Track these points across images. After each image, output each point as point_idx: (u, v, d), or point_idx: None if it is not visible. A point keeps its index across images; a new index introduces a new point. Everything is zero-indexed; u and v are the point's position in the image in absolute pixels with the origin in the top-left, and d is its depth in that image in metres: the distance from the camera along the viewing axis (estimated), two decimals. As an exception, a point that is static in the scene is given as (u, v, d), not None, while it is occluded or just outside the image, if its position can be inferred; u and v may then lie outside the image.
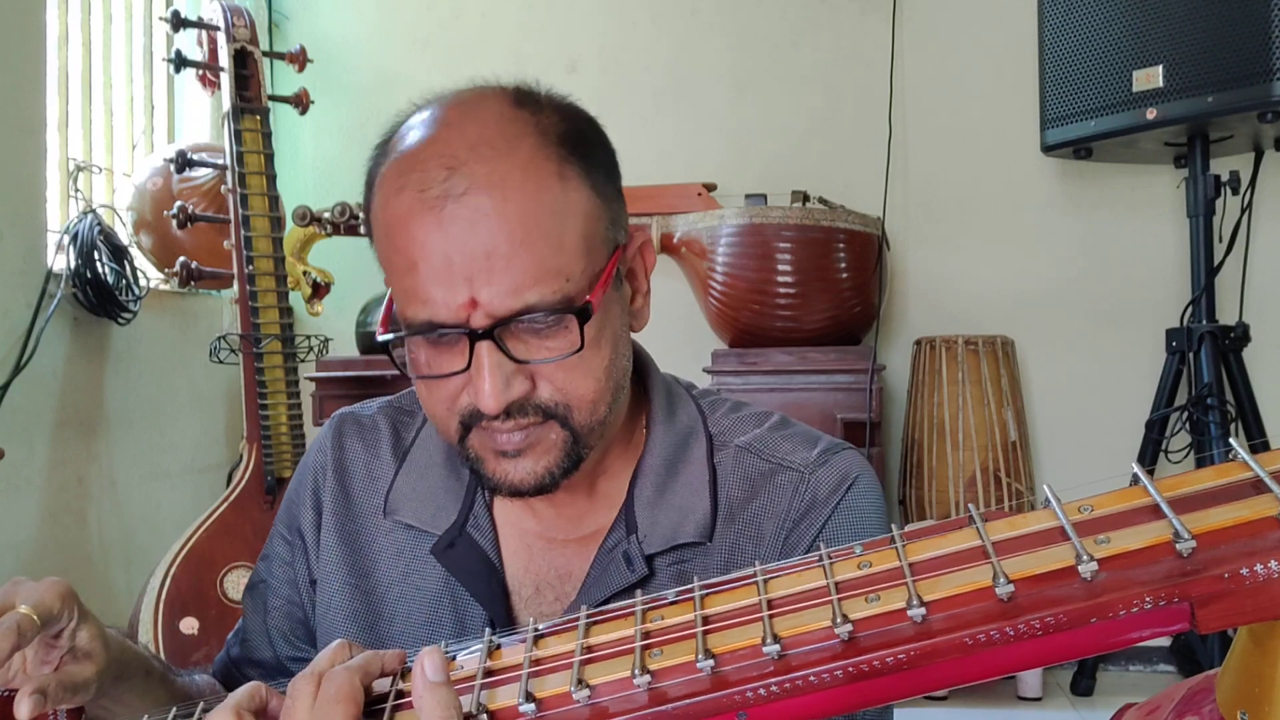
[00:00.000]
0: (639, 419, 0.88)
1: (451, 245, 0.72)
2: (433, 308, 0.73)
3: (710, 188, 2.74)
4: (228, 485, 2.51)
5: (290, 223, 2.60)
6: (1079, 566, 0.47)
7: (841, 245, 2.50)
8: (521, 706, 0.53)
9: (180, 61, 2.52)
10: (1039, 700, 2.43)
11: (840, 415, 2.42)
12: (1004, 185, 2.85)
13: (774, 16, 2.98)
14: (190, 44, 2.66)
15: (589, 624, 0.57)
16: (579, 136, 0.77)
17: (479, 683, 0.56)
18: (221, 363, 2.53)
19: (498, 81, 0.80)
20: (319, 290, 2.69)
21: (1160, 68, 2.33)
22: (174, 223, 2.44)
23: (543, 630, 0.59)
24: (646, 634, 0.54)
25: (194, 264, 2.43)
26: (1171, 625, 0.47)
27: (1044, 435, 2.82)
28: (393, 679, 0.61)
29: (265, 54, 2.58)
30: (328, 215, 2.57)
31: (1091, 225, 2.80)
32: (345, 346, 2.77)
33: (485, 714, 0.55)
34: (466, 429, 0.77)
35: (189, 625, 2.20)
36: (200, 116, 3.08)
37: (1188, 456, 2.39)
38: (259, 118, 2.49)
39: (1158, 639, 2.55)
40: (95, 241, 2.39)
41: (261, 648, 0.95)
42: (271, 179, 2.47)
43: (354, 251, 2.85)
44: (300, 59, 2.67)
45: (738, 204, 2.65)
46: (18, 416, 2.22)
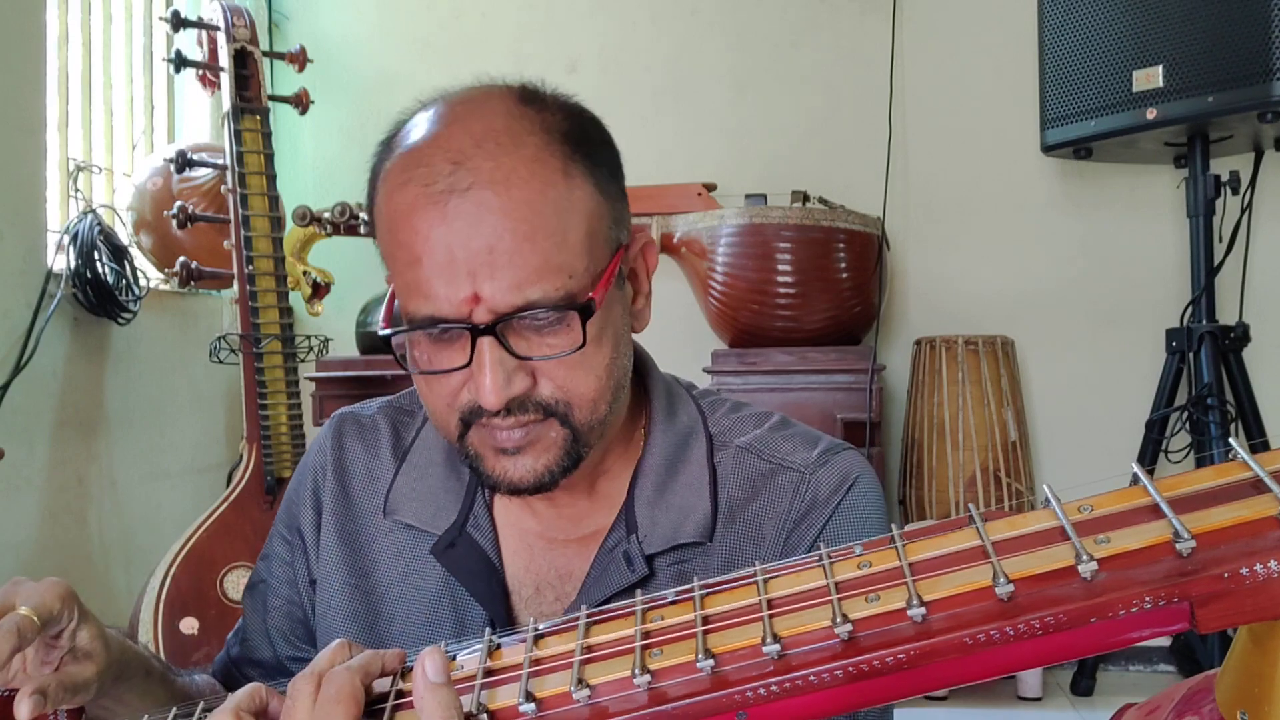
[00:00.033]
0: (639, 419, 0.88)
1: (455, 240, 0.72)
2: (435, 303, 0.73)
3: (710, 188, 2.74)
4: (228, 485, 2.51)
5: (290, 223, 2.60)
6: (1079, 566, 0.47)
7: (841, 245, 2.50)
8: (522, 706, 0.53)
9: (180, 61, 2.52)
10: (1039, 700, 2.43)
11: (840, 415, 2.42)
12: (1004, 185, 2.85)
13: (774, 16, 2.98)
14: (190, 44, 2.66)
15: (589, 624, 0.57)
16: (584, 135, 0.77)
17: (479, 682, 0.56)
18: (221, 363, 2.53)
19: (503, 80, 0.80)
20: (319, 290, 2.69)
21: (1160, 68, 2.33)
22: (174, 223, 2.44)
23: (543, 630, 0.59)
24: (646, 634, 0.54)
25: (194, 264, 2.42)
26: (1171, 625, 0.47)
27: (1044, 435, 2.82)
28: (393, 679, 0.61)
29: (265, 54, 2.58)
30: (328, 215, 2.57)
31: (1091, 225, 2.80)
32: (345, 346, 2.77)
33: (485, 714, 0.55)
34: (466, 426, 0.77)
35: (189, 625, 2.20)
36: (200, 116, 3.08)
37: (1188, 456, 2.39)
38: (259, 118, 2.49)
39: (1158, 639, 2.55)
40: (95, 241, 2.39)
41: (261, 648, 0.95)
42: (271, 179, 2.47)
43: (354, 251, 2.86)
44: (300, 59, 2.67)
45: (738, 204, 2.65)
46: (18, 416, 2.22)
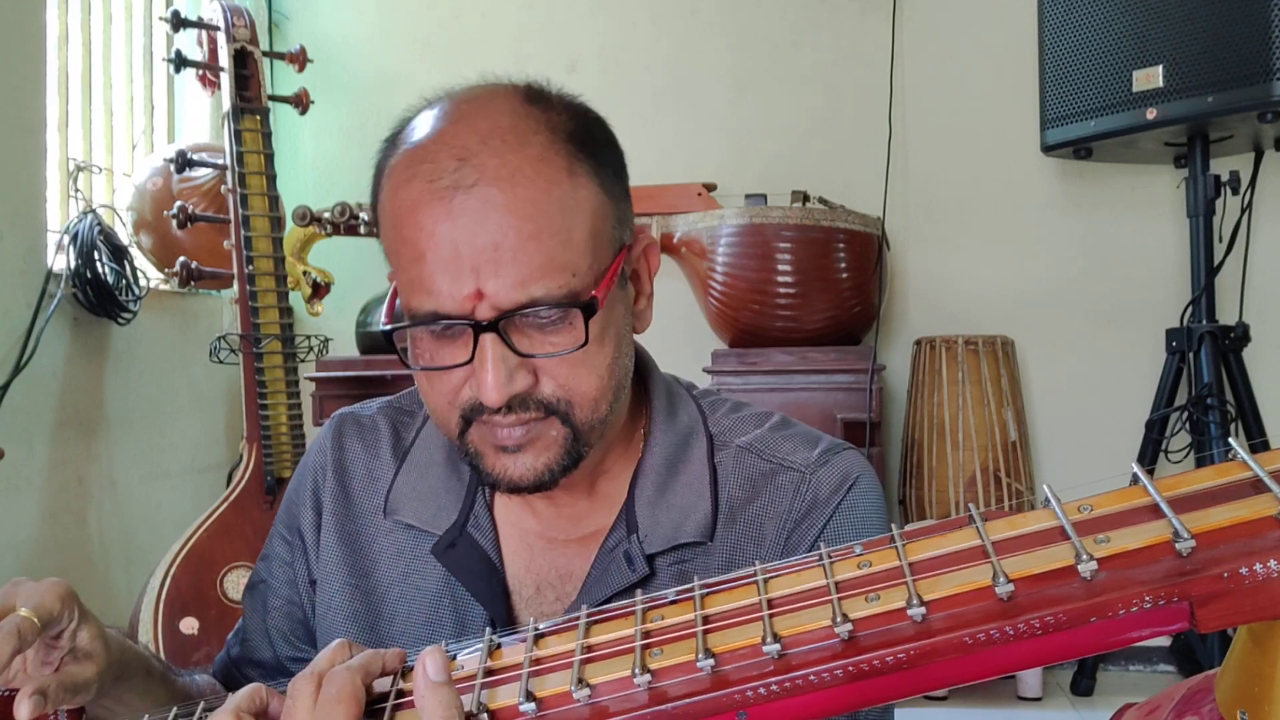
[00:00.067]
0: (639, 419, 0.88)
1: (460, 235, 0.72)
2: (438, 298, 0.73)
3: (710, 188, 2.74)
4: (228, 485, 2.51)
5: (290, 223, 2.60)
6: (1079, 566, 0.47)
7: (841, 245, 2.50)
8: (522, 706, 0.53)
9: (180, 61, 2.52)
10: (1039, 700, 2.43)
11: (840, 415, 2.42)
12: (1004, 185, 2.85)
13: (774, 16, 2.98)
14: (190, 44, 2.66)
15: (589, 623, 0.57)
16: (589, 135, 0.78)
17: (479, 682, 0.56)
18: (221, 363, 2.53)
19: (509, 79, 0.80)
20: (319, 290, 2.70)
21: (1160, 68, 2.33)
22: (174, 223, 2.44)
23: (543, 630, 0.58)
24: (647, 633, 0.54)
25: (194, 264, 2.42)
26: (1171, 625, 0.47)
27: (1044, 435, 2.82)
28: (393, 679, 0.61)
29: (265, 54, 2.58)
30: (328, 215, 2.57)
31: (1091, 225, 2.80)
32: (345, 346, 2.77)
33: (486, 713, 0.55)
34: (467, 423, 0.77)
35: (189, 625, 2.20)
36: (200, 116, 3.08)
37: (1188, 456, 2.39)
38: (259, 118, 2.49)
39: (1157, 639, 2.55)
40: (95, 241, 2.39)
41: (261, 648, 0.95)
42: (271, 179, 2.47)
43: (354, 251, 2.86)
44: (300, 59, 2.67)
45: (738, 204, 2.65)
46: (18, 416, 2.22)
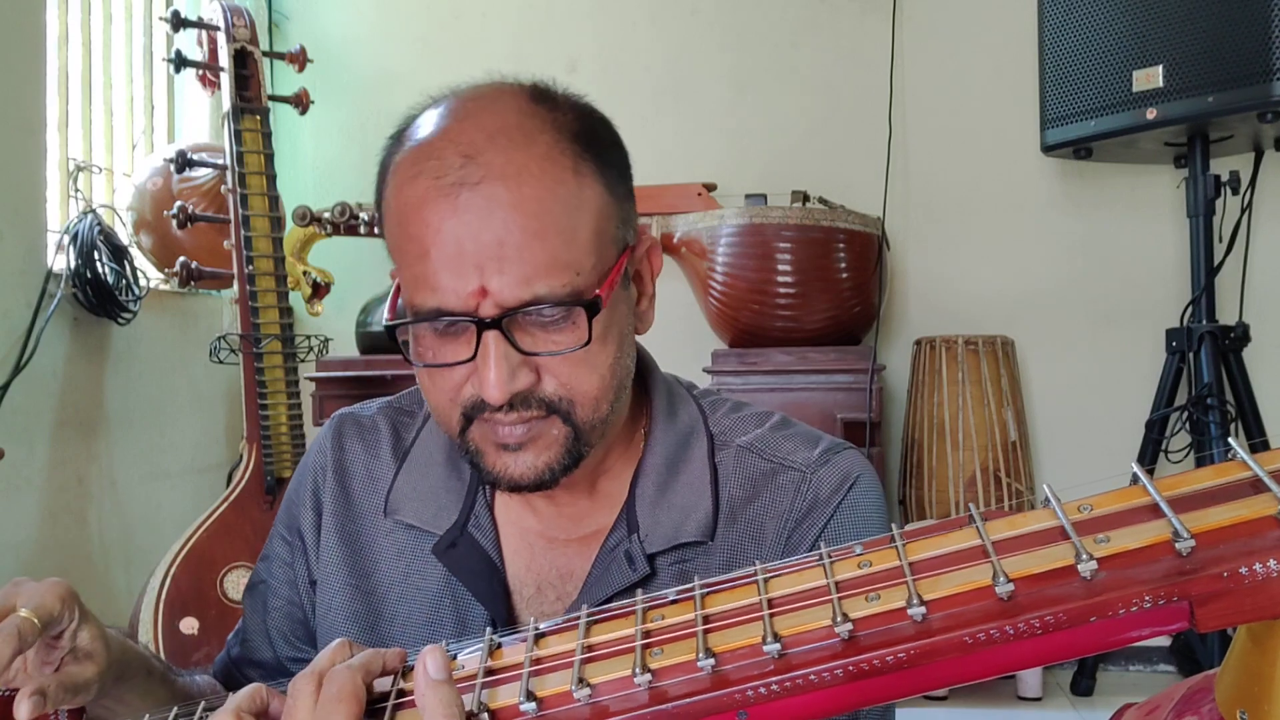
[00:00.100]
0: (640, 419, 0.88)
1: (464, 232, 0.72)
2: (442, 295, 0.73)
3: (710, 188, 2.74)
4: (228, 485, 2.51)
5: (290, 223, 2.60)
6: (1078, 565, 0.47)
7: (841, 245, 2.50)
8: (522, 705, 0.53)
9: (180, 61, 2.52)
10: (1039, 700, 2.43)
11: (840, 415, 2.42)
12: (1004, 185, 2.85)
13: (774, 16, 2.98)
14: (190, 44, 2.66)
15: (590, 623, 0.57)
16: (595, 135, 0.78)
17: (480, 681, 0.56)
18: (221, 363, 2.53)
19: (514, 78, 0.80)
20: (319, 290, 2.70)
21: (1160, 68, 2.33)
22: (174, 223, 2.44)
23: (544, 629, 0.58)
24: (647, 633, 0.54)
25: (194, 264, 2.42)
26: (1171, 624, 0.47)
27: (1044, 435, 2.82)
28: (394, 678, 0.60)
29: (265, 54, 2.57)
30: (328, 215, 2.57)
31: (1091, 225, 2.80)
32: (345, 346, 2.77)
33: (486, 713, 0.55)
34: (468, 421, 0.77)
35: (189, 625, 2.20)
36: (200, 116, 3.08)
37: (1188, 456, 2.39)
38: (259, 118, 2.49)
39: (1157, 638, 2.55)
40: (95, 241, 2.39)
41: (262, 648, 0.95)
42: (271, 179, 2.47)
43: (354, 251, 2.86)
44: (300, 59, 2.67)
45: (738, 204, 2.65)
46: (18, 416, 2.22)
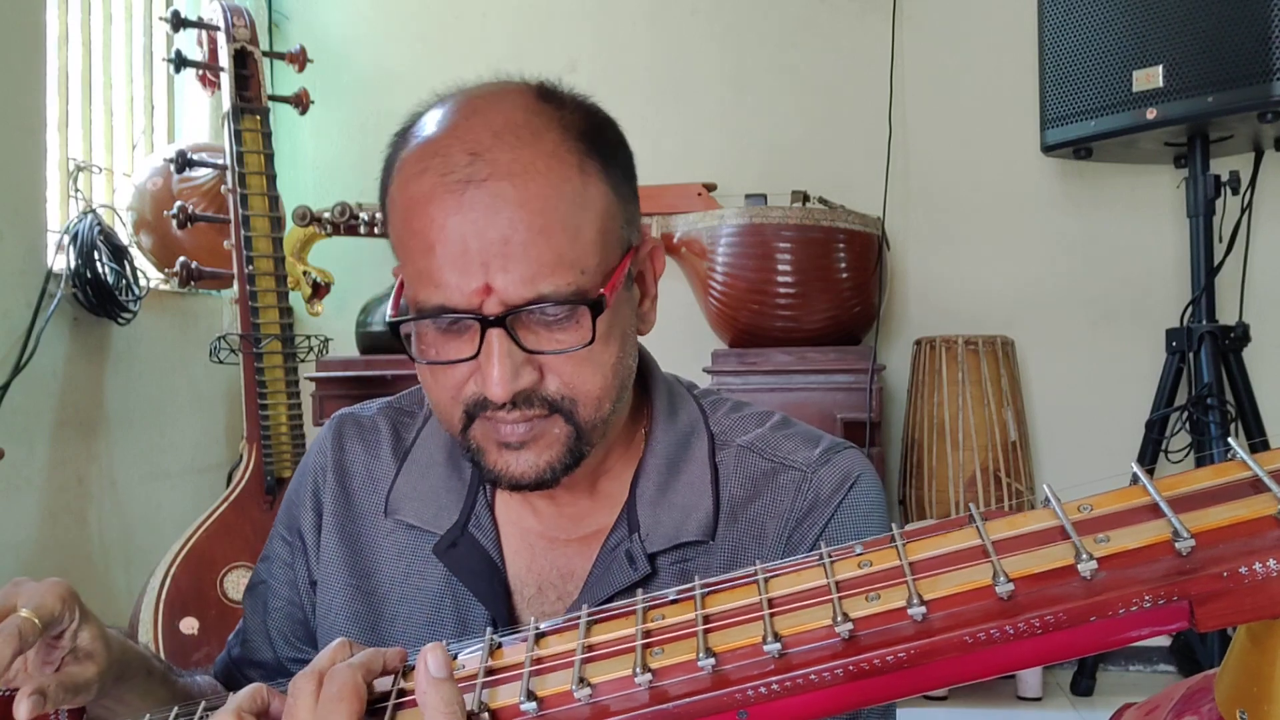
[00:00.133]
0: (641, 419, 0.88)
1: (470, 229, 0.72)
2: (446, 292, 0.73)
3: (710, 188, 2.74)
4: (228, 485, 2.51)
5: (290, 223, 2.60)
6: (1078, 565, 0.47)
7: (841, 245, 2.50)
8: (523, 705, 0.53)
9: (180, 61, 2.52)
10: (1039, 700, 2.43)
11: (840, 415, 2.42)
12: (1004, 185, 2.85)
13: (773, 16, 2.98)
14: (190, 44, 2.66)
15: (590, 623, 0.57)
16: (600, 134, 0.78)
17: (480, 681, 0.56)
18: (221, 363, 2.53)
19: (520, 77, 0.80)
20: (319, 290, 2.70)
21: (1160, 68, 2.33)
22: (174, 223, 2.44)
23: (544, 629, 0.58)
24: (647, 633, 0.54)
25: (194, 264, 2.43)
26: (1170, 624, 0.47)
27: (1044, 435, 2.82)
28: (394, 677, 0.60)
29: (265, 54, 2.57)
30: (328, 215, 2.57)
31: (1091, 225, 2.80)
32: (345, 346, 2.77)
33: (487, 712, 0.55)
34: (470, 418, 0.77)
35: (189, 625, 2.20)
36: (200, 116, 3.08)
37: (1188, 456, 2.39)
38: (259, 118, 2.49)
39: (1157, 638, 2.55)
40: (95, 241, 2.39)
41: (262, 648, 0.95)
42: (271, 179, 2.47)
43: (354, 251, 2.86)
44: (300, 59, 2.67)
45: (738, 204, 2.65)
46: (18, 416, 2.22)
